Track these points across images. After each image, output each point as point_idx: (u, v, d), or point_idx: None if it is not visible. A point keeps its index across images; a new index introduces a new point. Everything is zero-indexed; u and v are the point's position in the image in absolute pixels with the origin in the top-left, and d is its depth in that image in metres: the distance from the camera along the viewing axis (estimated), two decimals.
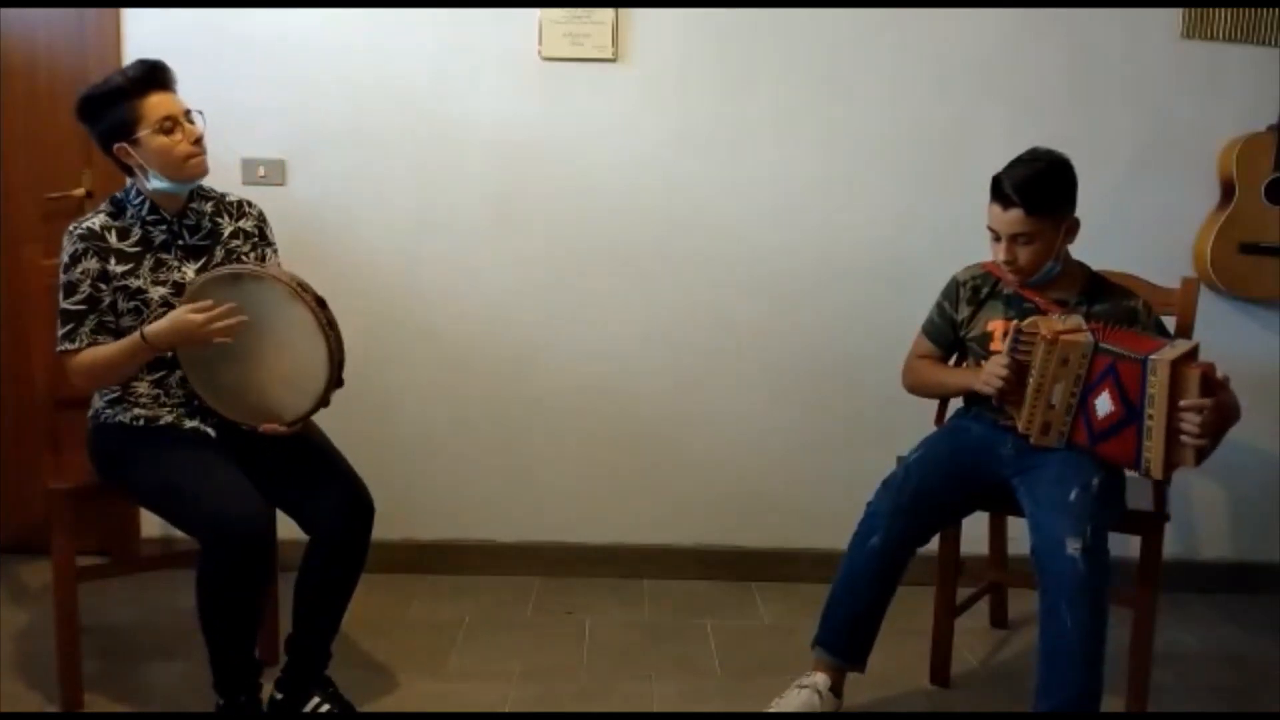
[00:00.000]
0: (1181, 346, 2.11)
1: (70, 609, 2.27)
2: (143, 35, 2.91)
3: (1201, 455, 2.08)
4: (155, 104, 2.09)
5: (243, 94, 2.93)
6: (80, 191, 2.98)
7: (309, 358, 2.09)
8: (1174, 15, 2.96)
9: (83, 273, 2.12)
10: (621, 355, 3.09)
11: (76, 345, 2.12)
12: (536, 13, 2.91)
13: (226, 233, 2.27)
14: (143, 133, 2.09)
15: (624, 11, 2.92)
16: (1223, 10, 2.94)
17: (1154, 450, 2.08)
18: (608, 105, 2.98)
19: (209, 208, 2.26)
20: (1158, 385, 2.05)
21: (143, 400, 2.20)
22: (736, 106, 2.99)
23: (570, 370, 3.08)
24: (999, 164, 2.32)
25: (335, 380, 2.12)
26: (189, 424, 2.19)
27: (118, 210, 2.19)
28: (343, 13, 2.92)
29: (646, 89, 2.97)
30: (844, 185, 3.02)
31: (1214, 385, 2.06)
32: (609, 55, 2.94)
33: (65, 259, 2.14)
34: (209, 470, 2.10)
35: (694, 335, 3.08)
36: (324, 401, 2.14)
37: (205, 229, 2.24)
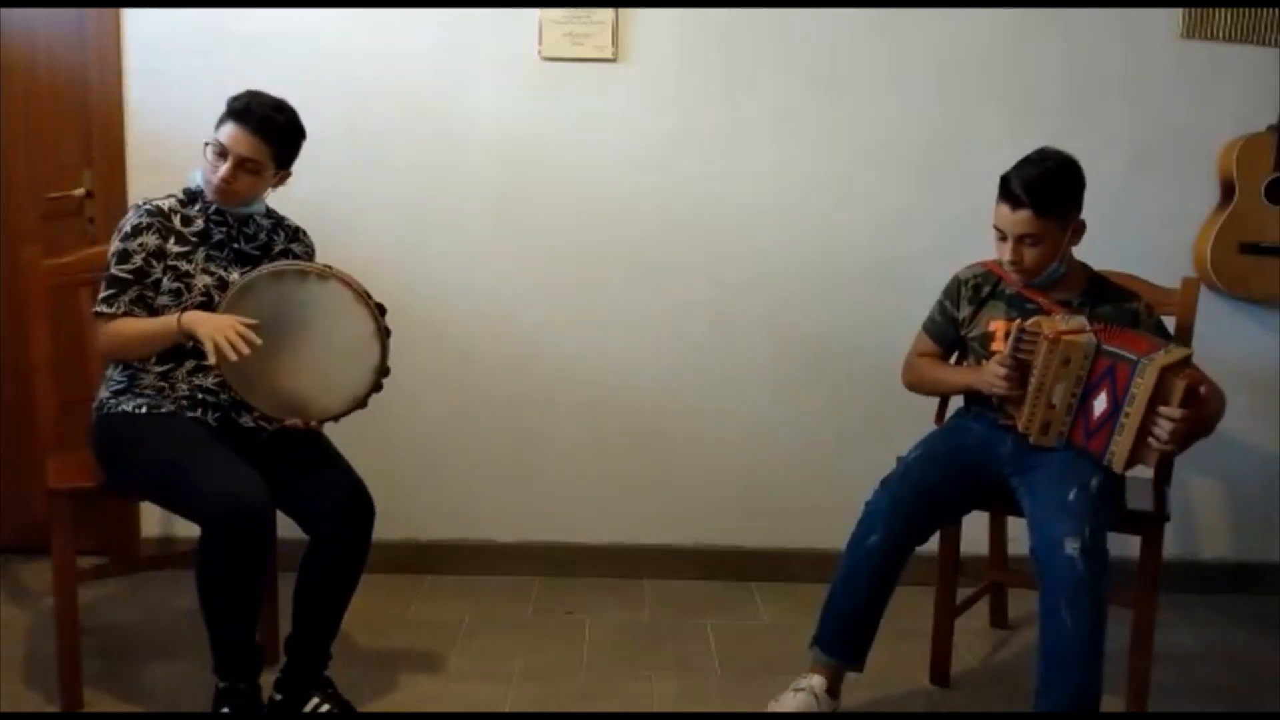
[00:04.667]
0: (1176, 353, 2.11)
1: (70, 609, 2.27)
2: (143, 35, 2.92)
3: (1163, 459, 2.13)
4: (225, 130, 2.22)
5: None
6: (80, 191, 2.98)
7: (356, 362, 2.18)
8: (1174, 15, 2.96)
9: (140, 245, 2.21)
10: (621, 355, 3.09)
11: (113, 310, 2.20)
12: (536, 13, 2.92)
13: (277, 250, 2.36)
14: (210, 140, 2.23)
15: (624, 11, 2.93)
16: (1223, 10, 2.94)
17: (1121, 445, 2.11)
18: (608, 105, 2.98)
19: (268, 224, 2.37)
20: (1142, 387, 2.06)
21: (147, 391, 2.22)
22: (736, 106, 2.99)
23: (570, 370, 3.09)
24: (999, 164, 2.31)
25: (377, 386, 2.21)
26: (190, 415, 2.21)
27: (189, 200, 2.29)
28: (343, 13, 2.92)
29: (646, 89, 2.98)
30: (844, 185, 3.03)
31: (1195, 398, 2.06)
32: (609, 55, 2.94)
33: (126, 228, 2.23)
34: (209, 453, 2.12)
35: (694, 334, 3.08)
36: (361, 404, 2.23)
37: (260, 241, 2.34)
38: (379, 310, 2.18)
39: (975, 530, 2.63)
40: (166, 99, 2.93)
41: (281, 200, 2.68)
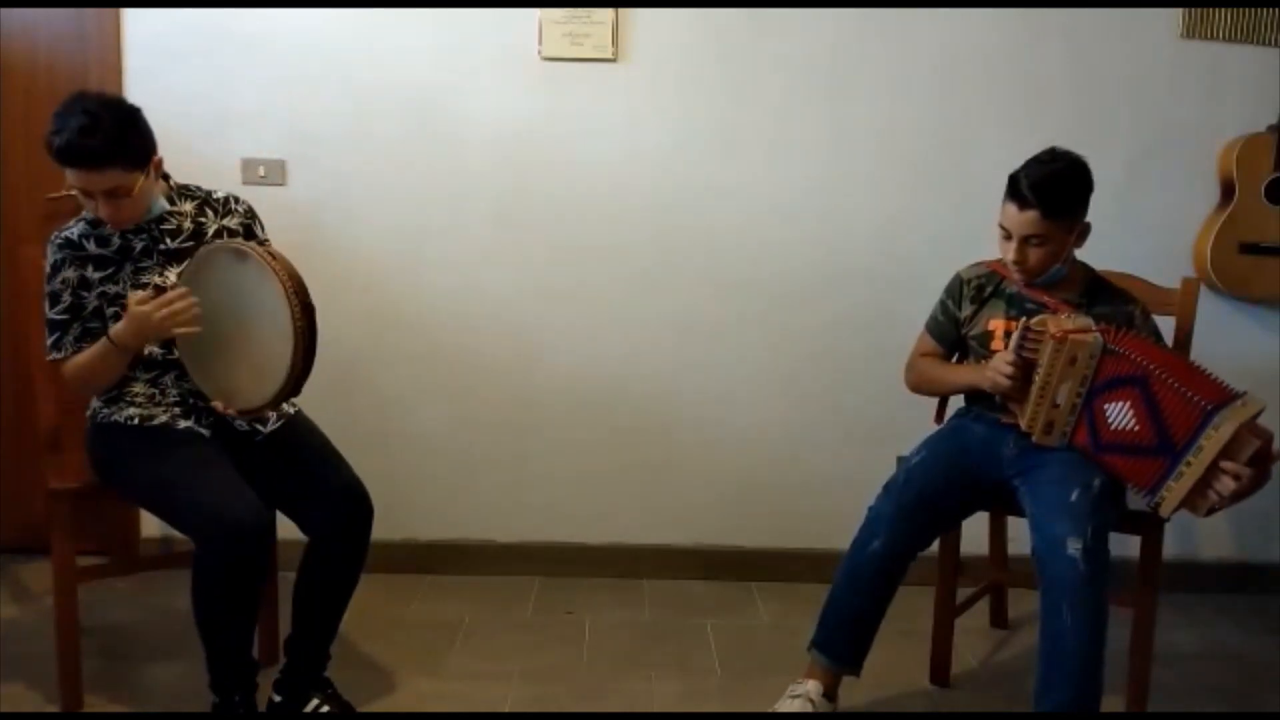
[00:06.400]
0: (1252, 406, 2.05)
1: (70, 609, 2.27)
2: (143, 35, 2.92)
3: (1212, 510, 2.07)
4: (69, 175, 2.03)
5: (243, 94, 2.93)
6: None
7: (277, 357, 2.03)
8: (1174, 15, 2.96)
9: (63, 282, 2.14)
10: (621, 355, 3.09)
11: (62, 354, 2.16)
12: (536, 13, 2.92)
13: (210, 232, 2.24)
14: (68, 185, 2.07)
15: (624, 11, 2.93)
16: (1223, 10, 2.94)
17: (1175, 492, 2.06)
18: (608, 105, 2.98)
19: (190, 208, 2.24)
20: (1213, 440, 2.01)
21: (138, 400, 2.20)
22: (736, 106, 2.99)
23: (570, 370, 3.09)
24: (998, 164, 2.31)
25: (292, 388, 2.06)
26: (184, 424, 2.18)
27: (97, 219, 2.15)
28: (343, 13, 2.92)
29: (646, 89, 2.97)
30: (844, 185, 3.03)
31: (1265, 458, 2.02)
32: (609, 55, 2.94)
33: (47, 269, 2.16)
34: (203, 469, 2.09)
35: (694, 334, 3.08)
36: (274, 405, 2.10)
37: (187, 231, 2.22)
38: (304, 310, 1.99)
39: (975, 530, 2.62)
40: (166, 99, 2.92)
41: (282, 202, 2.69)
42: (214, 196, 2.29)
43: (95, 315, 2.16)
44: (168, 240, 2.20)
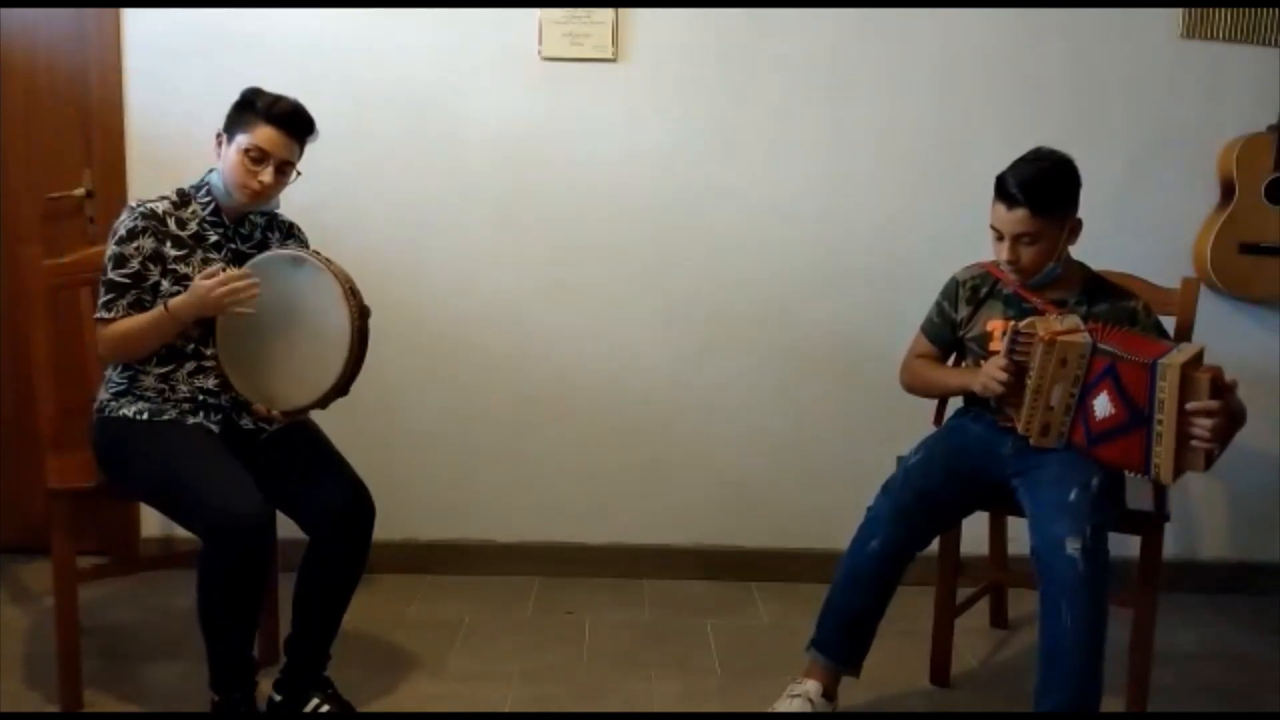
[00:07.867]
0: (1188, 350, 2.09)
1: (70, 609, 2.27)
2: (143, 35, 2.92)
3: (1210, 460, 2.07)
4: (264, 134, 2.17)
5: None
6: (80, 191, 2.98)
7: (327, 358, 2.15)
8: (1174, 15, 2.96)
9: (136, 249, 2.18)
10: (621, 354, 3.09)
11: (112, 315, 2.18)
12: (536, 13, 2.92)
13: (273, 249, 2.31)
14: (238, 138, 2.19)
15: (624, 11, 2.93)
16: (1223, 10, 2.94)
17: (1163, 455, 2.06)
18: (608, 105, 2.98)
19: (262, 221, 2.34)
20: (1167, 390, 2.03)
21: (148, 394, 2.21)
22: (736, 106, 2.99)
23: (570, 370, 3.09)
24: (999, 164, 2.31)
25: (341, 389, 2.18)
26: (192, 420, 2.20)
27: (182, 201, 2.24)
28: (343, 13, 2.92)
29: (646, 89, 2.98)
30: (843, 185, 3.03)
31: (1223, 389, 2.04)
32: (609, 55, 2.94)
33: (122, 232, 2.19)
34: (210, 465, 2.11)
35: (694, 334, 3.08)
36: (322, 404, 2.20)
37: (256, 240, 2.31)
38: (360, 313, 2.15)
39: (975, 530, 2.62)
40: (166, 99, 2.93)
41: (282, 202, 2.69)
42: (280, 219, 2.38)
43: (152, 290, 2.19)
44: (239, 241, 2.28)
